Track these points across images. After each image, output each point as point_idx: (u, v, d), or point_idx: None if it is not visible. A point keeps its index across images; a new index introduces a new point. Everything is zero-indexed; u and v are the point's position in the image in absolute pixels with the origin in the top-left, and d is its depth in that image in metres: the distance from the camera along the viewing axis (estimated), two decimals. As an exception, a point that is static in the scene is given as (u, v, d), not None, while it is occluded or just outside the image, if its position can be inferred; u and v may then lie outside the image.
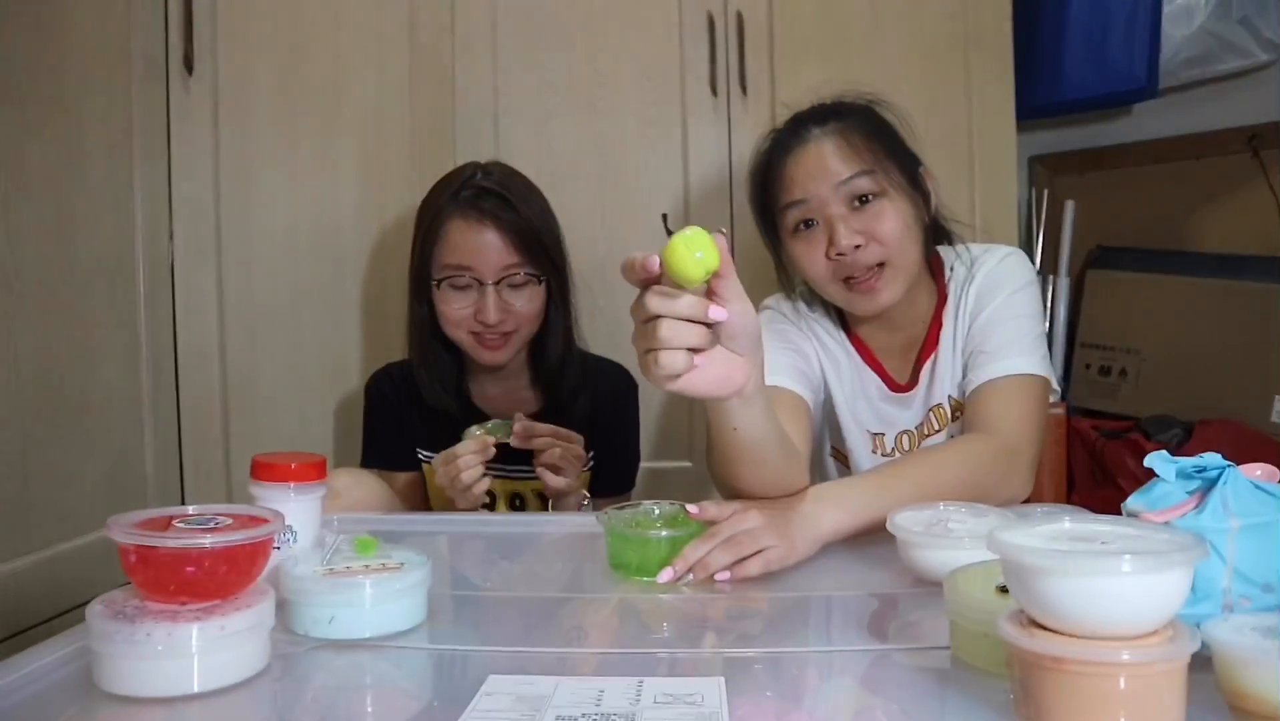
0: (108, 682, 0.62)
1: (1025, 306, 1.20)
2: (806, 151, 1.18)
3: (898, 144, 1.21)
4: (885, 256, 1.16)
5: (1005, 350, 1.16)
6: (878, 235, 1.15)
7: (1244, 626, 0.57)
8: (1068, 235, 2.15)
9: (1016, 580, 0.55)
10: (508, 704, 0.60)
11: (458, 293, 1.32)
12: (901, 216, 1.16)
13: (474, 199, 1.32)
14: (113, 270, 1.56)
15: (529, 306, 1.33)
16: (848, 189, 1.15)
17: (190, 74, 1.69)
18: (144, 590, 0.65)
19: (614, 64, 1.76)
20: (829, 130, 1.18)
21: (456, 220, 1.32)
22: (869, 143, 1.17)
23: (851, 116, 1.20)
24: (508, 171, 1.38)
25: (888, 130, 1.22)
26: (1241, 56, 1.91)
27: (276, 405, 1.73)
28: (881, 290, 1.17)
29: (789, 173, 1.18)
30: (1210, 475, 0.66)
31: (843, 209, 1.16)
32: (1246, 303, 1.89)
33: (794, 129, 1.21)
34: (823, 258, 1.17)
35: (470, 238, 1.31)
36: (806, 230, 1.18)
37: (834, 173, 1.16)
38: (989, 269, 1.23)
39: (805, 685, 0.67)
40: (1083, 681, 0.51)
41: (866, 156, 1.16)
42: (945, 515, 0.89)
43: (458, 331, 1.33)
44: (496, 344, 1.33)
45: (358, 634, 0.73)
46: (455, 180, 1.35)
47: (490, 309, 1.30)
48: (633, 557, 0.89)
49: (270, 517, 0.70)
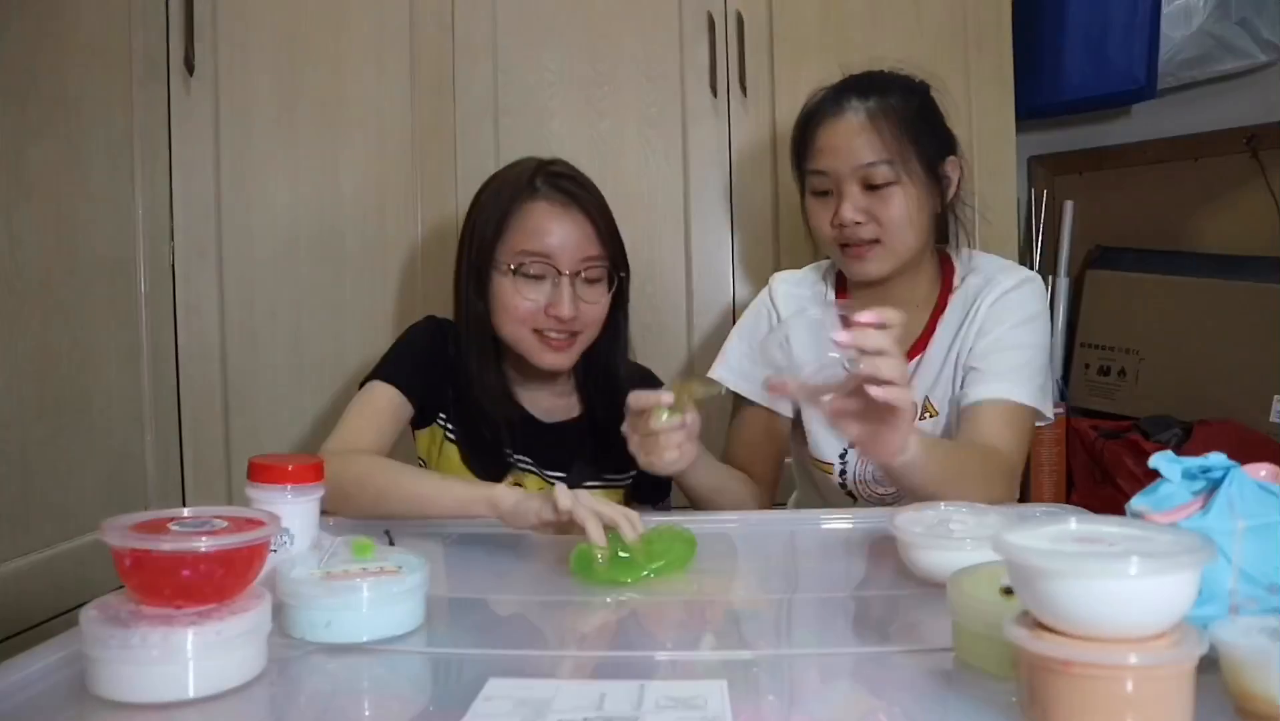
0: (102, 688, 0.62)
1: (1032, 337, 1.24)
2: (838, 126, 1.24)
3: (930, 130, 1.25)
4: (881, 235, 1.23)
5: (1008, 375, 1.20)
6: (879, 217, 1.22)
7: (1251, 628, 0.57)
8: (1067, 235, 2.15)
9: (1023, 582, 0.54)
10: (508, 708, 0.59)
11: (530, 283, 1.21)
12: (907, 205, 1.22)
13: (555, 181, 1.23)
14: (113, 270, 1.56)
15: (599, 306, 1.25)
16: (864, 172, 1.22)
17: (191, 74, 1.69)
18: (139, 594, 0.65)
19: (614, 64, 1.76)
20: (866, 106, 1.23)
21: (540, 203, 1.22)
22: (898, 129, 1.21)
23: (893, 94, 1.24)
24: (570, 165, 1.31)
25: (925, 114, 1.26)
26: (1240, 57, 1.91)
27: (276, 405, 1.73)
28: (869, 261, 1.24)
29: (819, 142, 1.26)
30: (1215, 476, 0.66)
31: (855, 187, 1.23)
32: (1246, 303, 1.89)
33: (836, 96, 1.27)
34: (828, 222, 1.26)
35: (552, 222, 1.21)
36: (822, 196, 1.27)
37: (856, 155, 1.22)
38: (1004, 290, 1.25)
39: (807, 687, 0.67)
40: (1091, 684, 0.51)
41: (890, 144, 1.21)
42: (947, 516, 0.89)
43: (521, 329, 1.22)
44: (562, 344, 1.23)
45: (355, 637, 0.72)
46: (524, 167, 1.26)
47: (565, 301, 1.19)
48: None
49: (266, 520, 0.69)
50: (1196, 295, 1.97)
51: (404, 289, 1.74)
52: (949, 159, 1.28)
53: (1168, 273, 2.03)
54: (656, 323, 1.77)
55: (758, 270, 1.77)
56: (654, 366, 1.57)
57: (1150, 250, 2.09)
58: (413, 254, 1.74)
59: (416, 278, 1.73)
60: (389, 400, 1.22)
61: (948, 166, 1.28)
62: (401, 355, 1.29)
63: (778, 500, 1.68)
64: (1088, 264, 2.18)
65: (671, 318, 1.78)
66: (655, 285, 1.77)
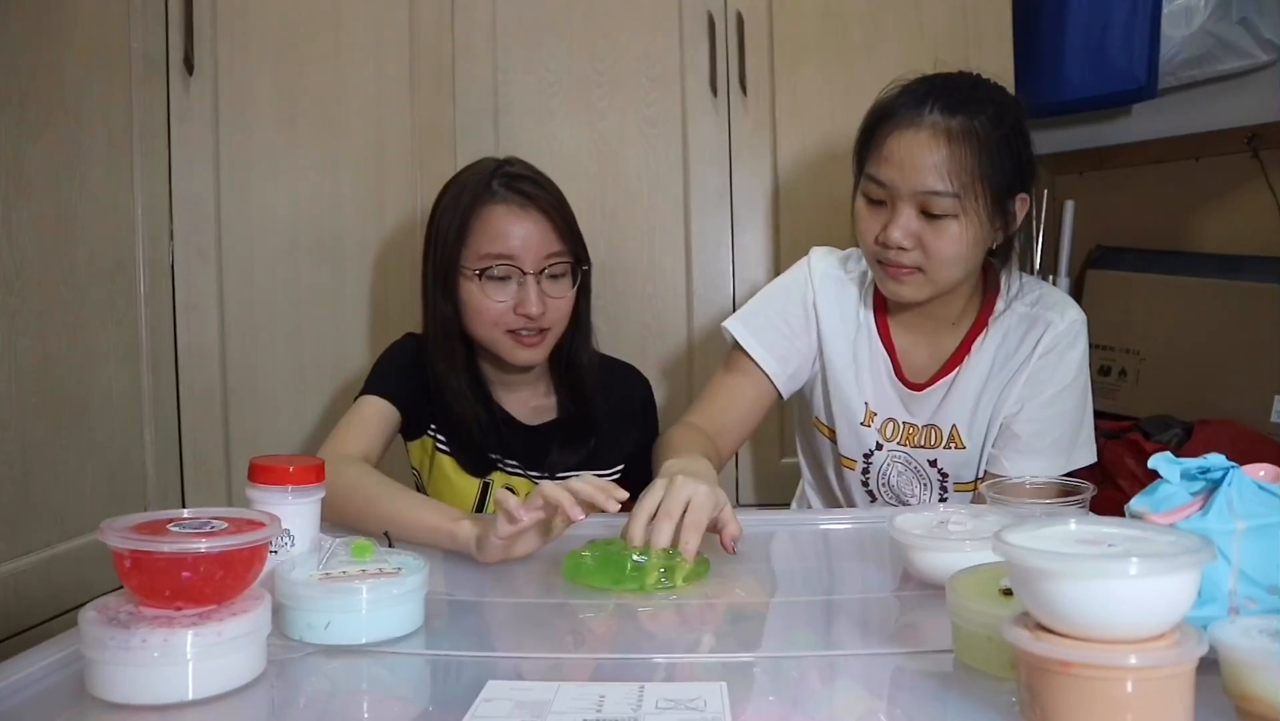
0: (101, 690, 0.62)
1: (1075, 399, 1.22)
2: (911, 138, 1.12)
3: (1010, 162, 1.14)
4: (924, 265, 1.14)
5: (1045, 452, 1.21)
6: (928, 247, 1.13)
7: (1251, 629, 0.57)
8: (1068, 235, 2.15)
9: (1023, 583, 0.54)
10: (507, 710, 0.59)
11: (497, 285, 1.24)
12: (963, 241, 1.13)
13: (511, 182, 1.25)
14: (113, 270, 1.56)
15: (565, 300, 1.27)
16: (925, 199, 1.12)
17: (190, 74, 1.69)
18: (138, 595, 0.65)
19: (614, 64, 1.76)
20: (949, 125, 1.11)
21: (497, 206, 1.24)
22: (976, 159, 1.10)
23: (982, 115, 1.12)
24: (527, 163, 1.32)
25: (1011, 143, 1.14)
26: (1241, 57, 1.90)
27: (276, 405, 1.73)
28: (905, 285, 1.17)
29: (886, 148, 1.14)
30: (1214, 476, 0.66)
31: (911, 209, 1.13)
32: (1246, 303, 1.89)
33: (918, 101, 1.13)
34: (874, 235, 1.16)
35: (512, 224, 1.23)
36: (876, 205, 1.17)
37: (921, 178, 1.11)
38: (1056, 336, 1.20)
39: (807, 689, 0.67)
40: (1091, 685, 0.51)
41: (962, 175, 1.10)
42: (945, 517, 0.89)
43: (493, 330, 1.25)
44: (533, 340, 1.25)
45: (354, 639, 0.72)
46: (481, 170, 1.29)
47: (533, 300, 1.22)
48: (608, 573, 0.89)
49: (266, 521, 0.69)
50: (1196, 295, 1.97)
51: (404, 289, 1.74)
52: (1020, 196, 1.17)
53: (1168, 273, 2.03)
54: (656, 323, 1.77)
55: (758, 270, 1.77)
56: (654, 367, 1.58)
57: (1150, 250, 2.09)
58: (412, 254, 1.73)
59: (416, 277, 1.72)
60: (376, 411, 1.24)
61: (1017, 203, 1.17)
62: (385, 369, 1.32)
63: (778, 500, 1.69)
64: (1088, 264, 2.18)
65: (671, 318, 1.78)
66: (655, 285, 1.77)
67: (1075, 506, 0.95)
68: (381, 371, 1.32)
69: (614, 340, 1.48)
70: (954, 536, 0.84)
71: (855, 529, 1.10)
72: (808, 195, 1.76)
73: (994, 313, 1.24)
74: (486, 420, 1.30)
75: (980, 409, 1.23)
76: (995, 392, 1.23)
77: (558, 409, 1.36)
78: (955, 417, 1.25)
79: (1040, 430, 1.21)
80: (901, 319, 1.28)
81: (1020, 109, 1.17)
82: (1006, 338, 1.23)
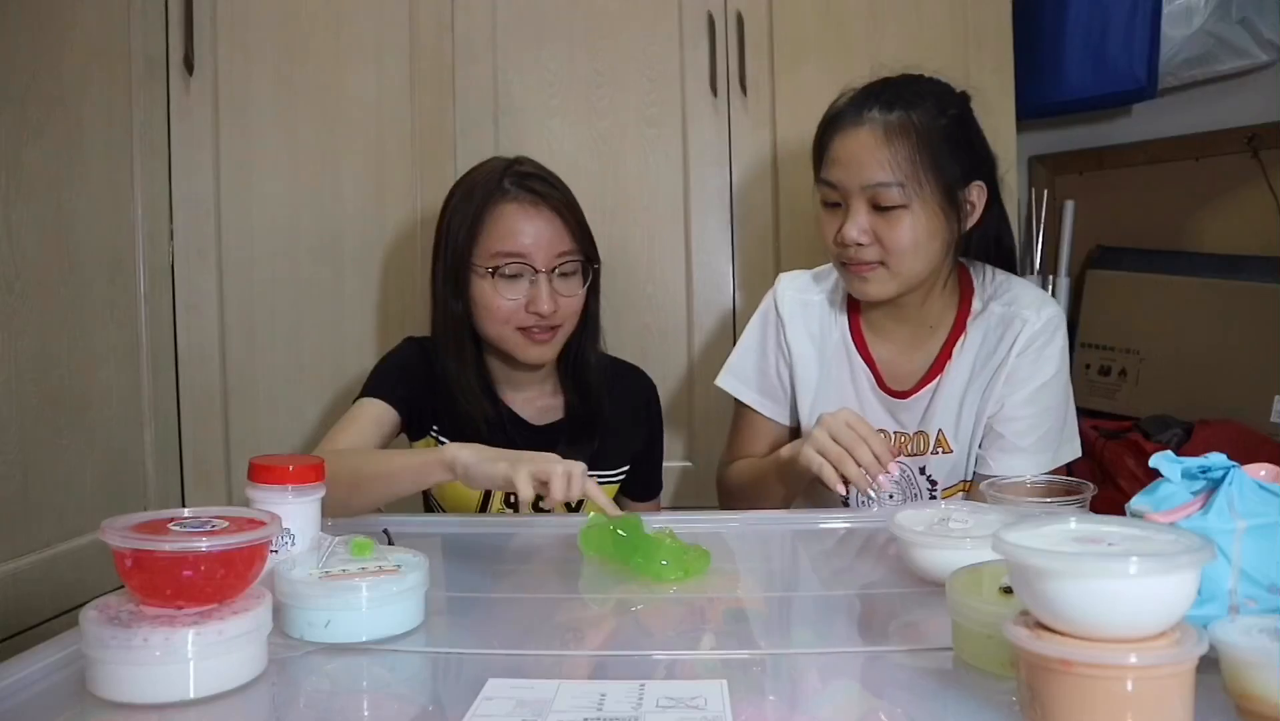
0: (102, 689, 0.62)
1: (1056, 395, 1.23)
2: (853, 138, 1.17)
3: (956, 151, 1.17)
4: (884, 259, 1.18)
5: (1030, 450, 1.22)
6: (884, 240, 1.17)
7: (1251, 628, 0.57)
8: (1068, 235, 2.15)
9: (1023, 582, 0.54)
10: (509, 707, 0.59)
11: (509, 283, 1.24)
12: (916, 231, 1.15)
13: (523, 181, 1.26)
14: (113, 270, 1.56)
15: (576, 298, 1.28)
16: (872, 192, 1.16)
17: (190, 74, 1.69)
18: (139, 594, 0.65)
19: (614, 64, 1.76)
20: (886, 120, 1.15)
21: (509, 205, 1.25)
22: (915, 149, 1.14)
23: (921, 107, 1.16)
24: (536, 163, 1.33)
25: (955, 132, 1.18)
26: (1241, 57, 1.90)
27: (276, 405, 1.73)
28: (870, 282, 1.20)
29: (833, 151, 1.20)
30: (1215, 476, 0.66)
31: (862, 205, 1.17)
32: (1246, 303, 1.89)
33: (858, 103, 1.19)
34: (833, 236, 1.20)
35: (524, 222, 1.24)
36: (832, 208, 1.21)
37: (866, 172, 1.15)
38: (1034, 332, 1.21)
39: (807, 687, 0.67)
40: (1091, 684, 0.51)
41: (904, 165, 1.14)
42: (946, 514, 0.89)
43: (504, 328, 1.26)
44: (545, 337, 1.26)
45: (354, 637, 0.72)
46: (491, 169, 1.29)
47: (544, 298, 1.23)
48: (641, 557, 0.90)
49: (267, 520, 0.69)
50: (1196, 295, 1.97)
51: (404, 289, 1.74)
52: (974, 184, 1.19)
53: (1168, 273, 2.03)
54: (656, 323, 1.77)
55: (758, 270, 1.77)
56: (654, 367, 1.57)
57: (1150, 250, 2.09)
58: (412, 254, 1.74)
59: (416, 278, 1.73)
60: (373, 412, 1.24)
61: (971, 192, 1.19)
62: (383, 373, 1.32)
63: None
64: (1088, 264, 2.18)
65: (672, 318, 1.78)
66: (655, 285, 1.77)
67: (1075, 505, 0.95)
68: (380, 375, 1.32)
69: (614, 340, 1.48)
70: (955, 533, 0.84)
71: (855, 527, 1.10)
72: (808, 195, 1.74)
73: (971, 313, 1.26)
74: (494, 419, 1.30)
75: (965, 411, 1.25)
76: (978, 393, 1.24)
77: (564, 408, 1.36)
78: (941, 422, 1.26)
79: (1024, 428, 1.22)
80: (878, 327, 1.29)
81: (964, 101, 1.22)
82: (986, 338, 1.25)
